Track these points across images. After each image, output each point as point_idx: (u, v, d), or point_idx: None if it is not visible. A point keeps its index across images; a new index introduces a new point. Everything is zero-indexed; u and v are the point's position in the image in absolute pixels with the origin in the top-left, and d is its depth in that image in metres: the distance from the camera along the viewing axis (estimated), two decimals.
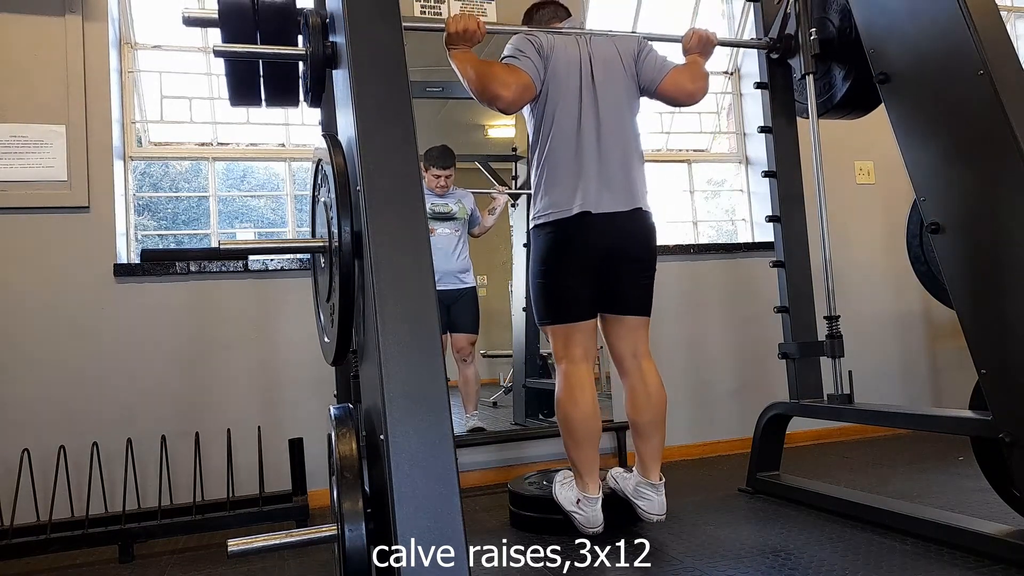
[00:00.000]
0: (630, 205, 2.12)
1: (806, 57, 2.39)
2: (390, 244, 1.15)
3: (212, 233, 3.16)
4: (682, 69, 2.24)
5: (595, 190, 2.08)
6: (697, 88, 2.24)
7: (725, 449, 3.32)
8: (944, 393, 3.69)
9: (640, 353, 2.17)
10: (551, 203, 2.11)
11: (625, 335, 2.17)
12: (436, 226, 3.17)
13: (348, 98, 1.29)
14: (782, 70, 2.61)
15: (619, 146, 2.14)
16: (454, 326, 3.19)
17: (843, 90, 2.38)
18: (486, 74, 2.04)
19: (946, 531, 1.85)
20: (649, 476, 2.09)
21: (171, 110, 3.10)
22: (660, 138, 3.80)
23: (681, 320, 3.37)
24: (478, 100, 2.07)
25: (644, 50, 2.23)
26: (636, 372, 2.16)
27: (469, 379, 3.21)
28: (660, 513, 2.07)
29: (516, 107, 2.11)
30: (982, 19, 1.76)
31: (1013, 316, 1.67)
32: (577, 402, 2.08)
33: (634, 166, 2.16)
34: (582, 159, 2.10)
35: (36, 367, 2.59)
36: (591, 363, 2.15)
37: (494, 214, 3.34)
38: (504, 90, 2.03)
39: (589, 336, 2.14)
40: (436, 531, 1.01)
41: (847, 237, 3.54)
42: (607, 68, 2.16)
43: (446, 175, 3.17)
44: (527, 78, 2.07)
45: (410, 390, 1.08)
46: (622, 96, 2.17)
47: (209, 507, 2.37)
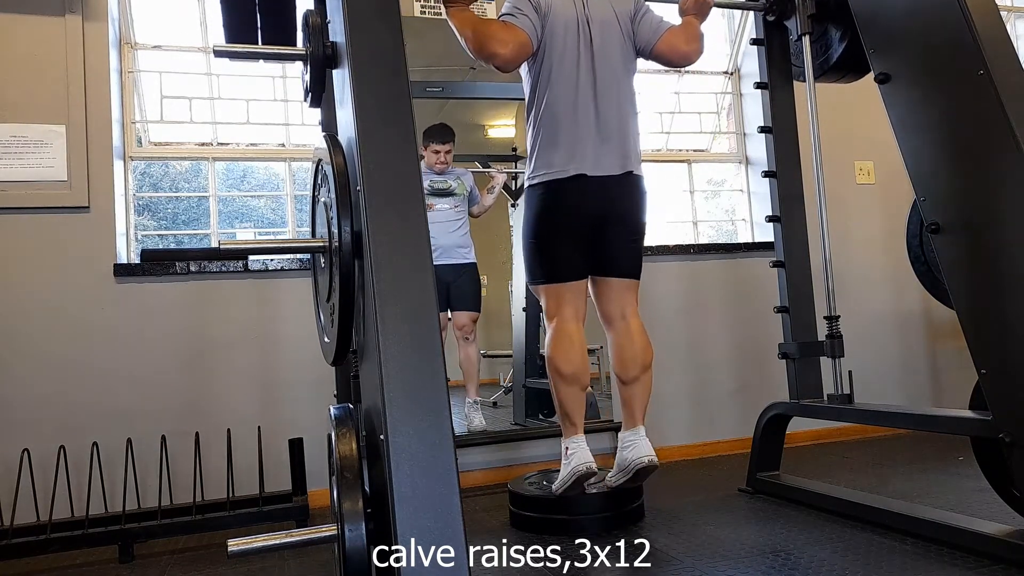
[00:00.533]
0: (623, 168, 2.15)
1: (802, 18, 2.40)
2: (390, 244, 1.15)
3: (212, 233, 3.17)
4: (677, 30, 2.26)
5: (592, 152, 2.11)
6: (692, 49, 2.26)
7: (725, 449, 3.32)
8: (944, 393, 3.69)
9: (628, 313, 2.21)
10: (546, 163, 2.13)
11: (614, 296, 2.21)
12: (435, 201, 3.16)
13: (348, 98, 1.29)
14: (779, 32, 2.61)
15: (615, 108, 2.16)
16: (455, 303, 3.18)
17: (839, 51, 2.38)
18: (483, 32, 2.06)
19: (946, 531, 1.85)
20: (633, 425, 2.13)
21: (171, 110, 3.10)
22: (660, 138, 3.80)
23: (681, 320, 3.36)
24: (475, 57, 2.09)
25: (641, 10, 2.25)
26: (623, 327, 2.20)
27: (471, 357, 3.20)
28: (648, 453, 2.09)
29: (513, 65, 2.12)
30: (982, 19, 1.76)
31: (1013, 316, 1.67)
32: (565, 349, 2.13)
33: (630, 129, 2.19)
34: (578, 120, 2.12)
35: (36, 367, 2.58)
36: (581, 322, 2.19)
37: (492, 193, 3.33)
38: (501, 47, 2.05)
39: (580, 296, 2.18)
40: (436, 531, 1.01)
41: (847, 237, 3.54)
42: (604, 29, 2.17)
43: (445, 150, 3.17)
44: (524, 36, 2.09)
45: (410, 390, 1.08)
46: (619, 57, 2.19)
47: (209, 507, 2.37)
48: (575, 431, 2.14)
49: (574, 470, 2.08)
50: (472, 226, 3.30)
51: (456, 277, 3.17)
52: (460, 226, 3.21)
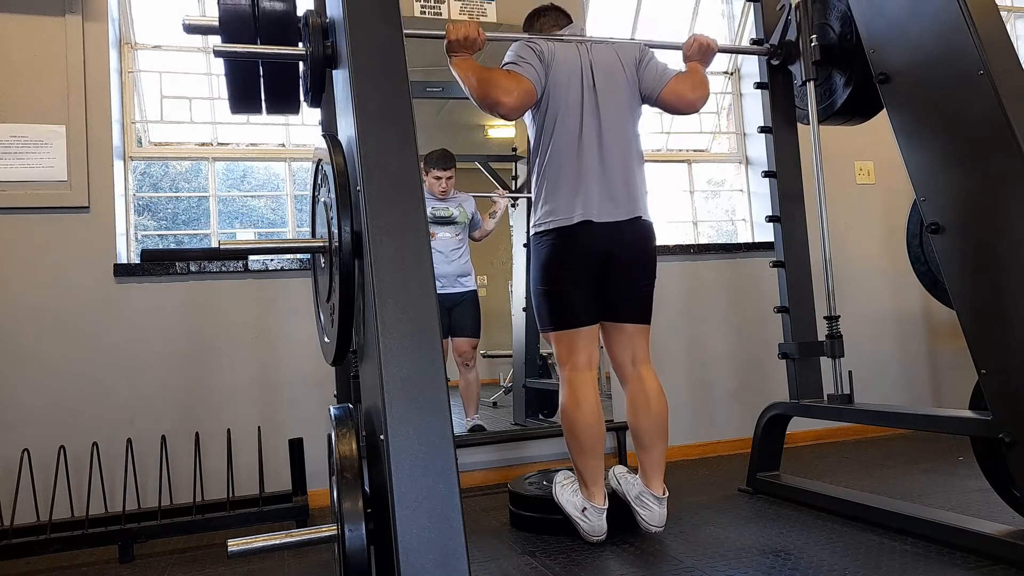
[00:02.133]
0: (631, 214, 2.13)
1: (807, 63, 2.38)
2: (390, 244, 1.15)
3: (212, 233, 3.17)
4: (683, 78, 2.24)
5: (597, 199, 2.09)
6: (697, 97, 2.24)
7: (725, 449, 3.32)
8: (944, 393, 3.69)
9: (639, 360, 2.18)
10: (552, 210, 2.11)
11: (624, 343, 2.18)
12: (437, 230, 3.17)
13: (348, 98, 1.29)
14: (783, 76, 2.61)
15: (621, 154, 2.14)
16: (455, 330, 3.19)
17: (844, 96, 2.38)
18: (488, 80, 2.04)
19: (946, 531, 1.85)
20: (652, 487, 2.09)
21: (171, 110, 3.10)
22: (660, 138, 3.80)
23: (681, 320, 3.36)
24: (479, 106, 2.07)
25: (645, 57, 2.23)
26: (636, 380, 2.17)
27: (471, 383, 3.21)
28: (659, 525, 2.07)
29: (518, 113, 2.11)
30: (982, 19, 1.76)
31: (1013, 316, 1.67)
32: (582, 409, 2.08)
33: (635, 174, 2.17)
34: (584, 167, 2.10)
35: (36, 367, 2.59)
36: (594, 369, 2.15)
37: (495, 218, 3.34)
38: (506, 96, 2.04)
39: (591, 342, 2.15)
40: (436, 531, 1.01)
41: (847, 237, 3.54)
42: (608, 75, 2.16)
43: (447, 176, 3.17)
44: (529, 84, 2.07)
45: (410, 390, 1.08)
46: (623, 103, 2.17)
47: (209, 507, 2.37)
48: (591, 497, 2.08)
49: (584, 533, 2.07)
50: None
51: (457, 304, 3.19)
52: (461, 254, 3.22)
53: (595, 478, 2.08)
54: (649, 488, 2.08)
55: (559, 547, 2.05)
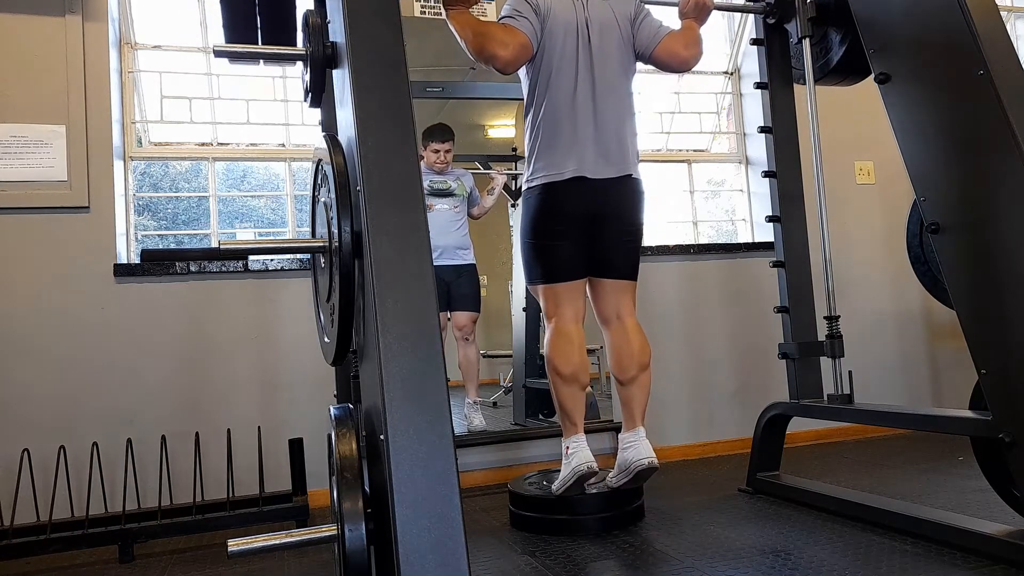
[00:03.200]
0: (621, 171, 2.16)
1: (802, 21, 2.39)
2: (390, 244, 1.15)
3: (212, 233, 3.17)
4: (676, 35, 2.26)
5: (591, 155, 2.12)
6: (691, 55, 2.26)
7: (725, 449, 3.32)
8: (944, 393, 3.69)
9: (624, 314, 2.22)
10: (545, 165, 2.14)
11: (610, 298, 2.22)
12: (434, 202, 3.16)
13: (348, 98, 1.29)
14: (779, 35, 2.61)
15: (614, 111, 2.16)
16: (454, 304, 3.18)
17: (839, 54, 2.38)
18: (483, 33, 2.07)
19: (946, 531, 1.85)
20: (633, 427, 2.14)
21: (171, 110, 3.10)
22: (660, 138, 3.80)
23: (681, 320, 3.36)
24: (475, 60, 2.09)
25: (640, 14, 2.25)
26: (619, 327, 2.21)
27: (471, 358, 3.20)
28: (648, 455, 2.09)
29: (514, 67, 2.13)
30: (982, 19, 1.76)
31: (1013, 316, 1.67)
32: (564, 350, 2.14)
33: (628, 132, 2.20)
34: (577, 123, 2.12)
35: (36, 367, 2.59)
36: (580, 322, 2.20)
37: (492, 194, 3.33)
38: (502, 49, 2.05)
39: (578, 296, 2.19)
40: (436, 531, 1.01)
41: (847, 237, 3.54)
42: (604, 32, 2.18)
43: (445, 149, 3.17)
44: (524, 37, 2.09)
45: (410, 390, 1.08)
46: (618, 60, 2.19)
47: (209, 507, 2.37)
48: (575, 431, 2.14)
49: (575, 470, 2.09)
50: (472, 226, 3.30)
51: (456, 277, 3.18)
52: (460, 227, 3.22)
53: (578, 409, 2.14)
54: (630, 429, 2.14)
55: (559, 547, 2.05)
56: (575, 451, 2.11)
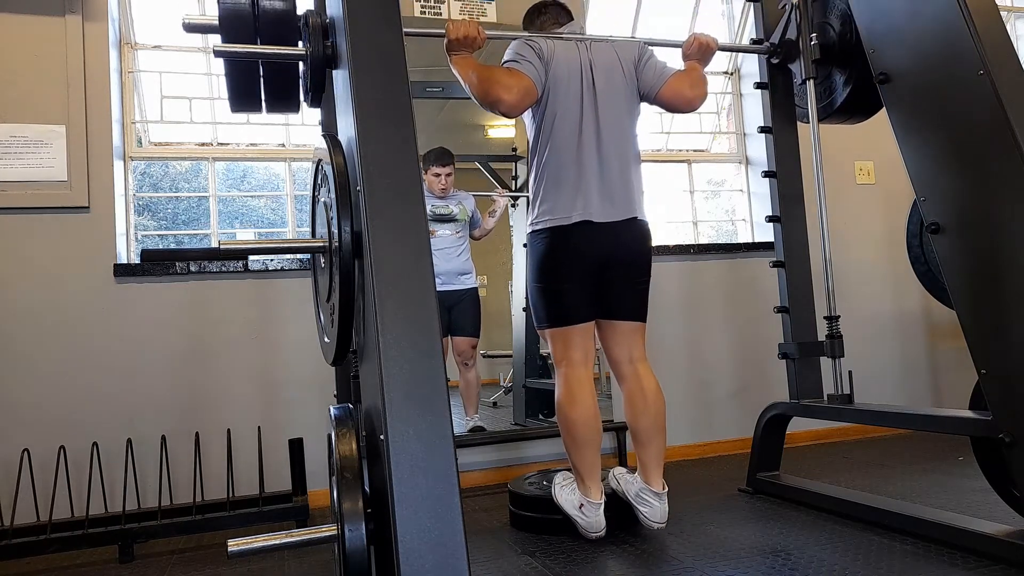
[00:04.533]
0: (628, 215, 2.13)
1: (807, 62, 2.38)
2: (390, 244, 1.15)
3: (212, 233, 3.17)
4: (681, 76, 2.25)
5: (596, 199, 2.09)
6: (695, 96, 2.25)
7: (725, 449, 3.32)
8: (944, 393, 3.69)
9: (636, 358, 2.18)
10: (550, 209, 2.12)
11: (621, 340, 2.18)
12: (437, 228, 3.17)
13: (348, 98, 1.29)
14: (783, 75, 2.61)
15: (619, 154, 2.14)
16: (455, 329, 3.18)
17: (844, 95, 2.38)
18: (488, 78, 2.05)
19: (946, 531, 1.85)
20: (651, 483, 2.08)
21: (171, 110, 3.10)
22: (660, 138, 3.80)
23: (681, 320, 3.37)
24: (480, 104, 2.07)
25: (644, 56, 2.23)
26: (633, 377, 2.17)
27: (470, 383, 3.20)
28: (661, 521, 2.06)
29: (518, 110, 2.11)
30: (982, 19, 1.76)
31: (1013, 316, 1.67)
32: (577, 404, 2.09)
33: (632, 174, 2.17)
34: (582, 166, 2.10)
35: (36, 367, 2.59)
36: (590, 366, 2.16)
37: (494, 216, 3.33)
38: (506, 93, 2.04)
39: (587, 339, 2.15)
40: (436, 531, 1.01)
41: (847, 237, 3.54)
42: (608, 74, 2.16)
43: (446, 173, 3.17)
44: (529, 81, 2.08)
45: (410, 390, 1.08)
46: (622, 103, 2.17)
47: (209, 507, 2.37)
48: (589, 493, 2.09)
49: (583, 530, 2.08)
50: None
51: (456, 303, 3.18)
52: (461, 252, 3.22)
53: (591, 473, 2.08)
54: (649, 485, 2.08)
55: (559, 547, 2.05)
56: (589, 517, 2.07)
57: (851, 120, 2.49)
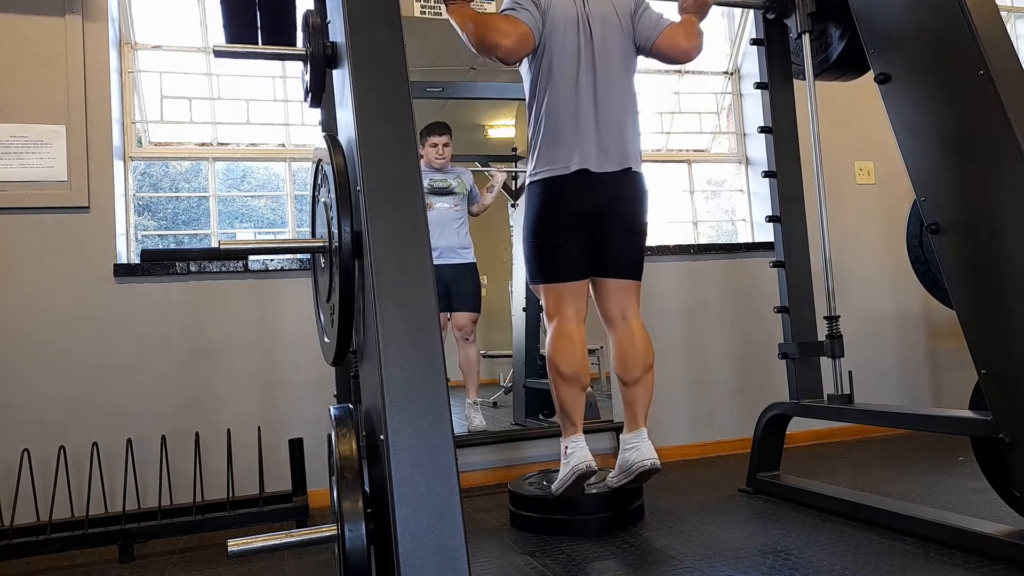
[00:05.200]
0: (622, 165, 2.15)
1: (802, 15, 2.40)
2: (390, 244, 1.15)
3: (212, 233, 3.17)
4: (677, 27, 2.26)
5: (593, 149, 2.11)
6: (691, 46, 2.26)
7: (725, 449, 3.32)
8: (944, 393, 3.69)
9: (629, 314, 2.21)
10: (549, 159, 2.14)
11: (615, 298, 2.20)
12: (434, 200, 3.16)
13: (348, 98, 1.29)
14: (779, 30, 2.61)
15: (616, 105, 2.16)
16: (454, 304, 3.17)
17: (839, 49, 2.38)
18: (484, 24, 2.07)
19: (946, 531, 1.85)
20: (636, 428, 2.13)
21: (171, 110, 3.10)
22: (660, 138, 3.80)
23: (681, 320, 3.37)
24: (476, 51, 2.09)
25: (640, 7, 2.25)
26: (624, 327, 2.20)
27: (471, 358, 3.19)
28: (650, 456, 2.08)
29: (515, 56, 2.12)
30: (982, 19, 1.76)
31: (1013, 316, 1.67)
32: (567, 351, 2.13)
33: (629, 126, 2.19)
34: (579, 117, 2.12)
35: (36, 367, 2.58)
36: (582, 322, 2.19)
37: (492, 192, 3.32)
38: (503, 39, 2.05)
39: (580, 296, 2.18)
40: (436, 531, 1.01)
41: (847, 237, 3.54)
42: (604, 26, 2.18)
43: (443, 142, 3.16)
44: (526, 28, 2.09)
45: (410, 390, 1.08)
46: (619, 54, 2.19)
47: (209, 507, 2.37)
48: (574, 431, 2.14)
49: (574, 469, 2.08)
50: (472, 225, 3.30)
51: (456, 277, 3.17)
52: (460, 226, 3.21)
53: (577, 409, 2.13)
54: (632, 430, 2.13)
55: (559, 547, 2.05)
56: (574, 451, 2.11)
57: (846, 76, 2.48)
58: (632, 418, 2.17)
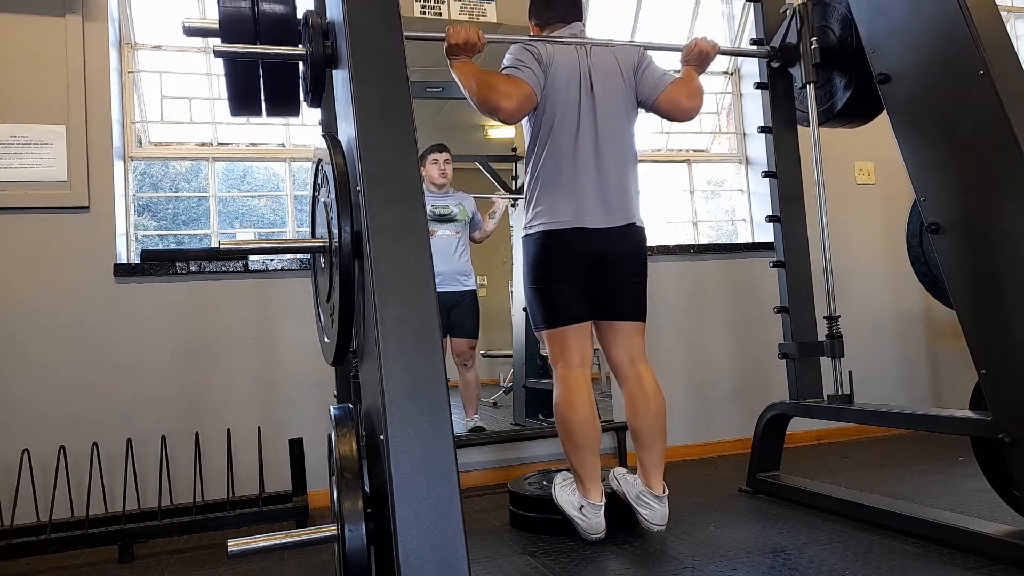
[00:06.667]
0: (624, 220, 2.13)
1: (807, 66, 2.38)
2: (390, 244, 1.15)
3: (212, 233, 3.17)
4: (679, 85, 2.23)
5: (591, 203, 2.09)
6: (692, 106, 2.24)
7: (725, 449, 3.32)
8: (944, 393, 3.69)
9: (636, 359, 2.17)
10: (544, 212, 2.12)
11: (620, 341, 2.17)
12: (436, 228, 3.16)
13: (348, 98, 1.29)
14: (783, 78, 2.61)
15: (616, 160, 2.14)
16: (454, 330, 3.18)
17: (844, 99, 2.38)
18: (487, 85, 2.05)
19: (946, 531, 1.85)
20: (652, 486, 2.08)
21: (171, 110, 3.10)
22: (660, 138, 3.80)
23: (681, 320, 3.36)
24: (479, 110, 2.08)
25: (643, 62, 2.23)
26: (635, 379, 2.16)
27: (470, 383, 3.20)
28: (661, 524, 2.06)
29: (517, 118, 2.11)
30: (982, 19, 1.76)
31: (1013, 316, 1.67)
32: (575, 407, 2.08)
33: (630, 181, 2.17)
34: (578, 171, 2.10)
35: (36, 367, 2.59)
36: (588, 367, 2.15)
37: (494, 219, 3.33)
38: (506, 101, 2.04)
39: (584, 339, 2.14)
40: (436, 531, 1.01)
41: (847, 237, 3.54)
42: (606, 80, 2.15)
43: (444, 159, 3.17)
44: (528, 88, 2.08)
45: (410, 390, 1.08)
46: (620, 109, 2.17)
47: (209, 507, 2.37)
48: (589, 495, 2.08)
49: (583, 531, 2.07)
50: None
51: (456, 304, 3.18)
52: (461, 253, 3.21)
53: (591, 475, 2.08)
54: (649, 487, 2.08)
55: (559, 547, 2.05)
56: (589, 520, 2.06)
57: (851, 124, 2.48)
58: (648, 476, 2.10)
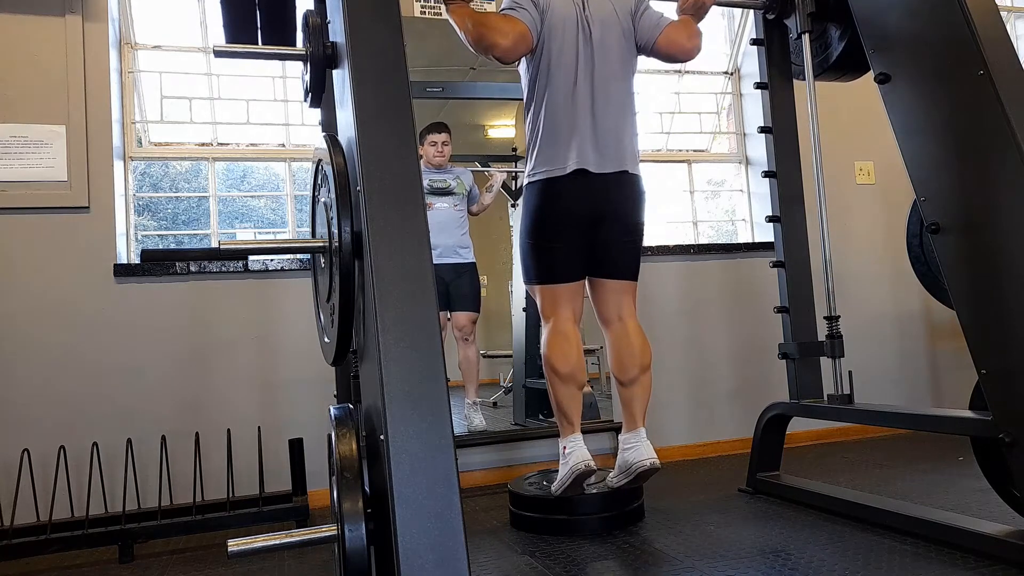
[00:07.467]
0: (618, 167, 2.15)
1: (801, 16, 2.41)
2: (390, 244, 1.15)
3: (212, 233, 3.17)
4: (678, 26, 2.26)
5: (590, 150, 2.12)
6: (693, 45, 2.26)
7: (725, 449, 3.32)
8: (944, 393, 3.69)
9: (625, 315, 2.21)
10: (546, 159, 2.14)
11: (611, 299, 2.21)
12: (434, 201, 3.16)
13: (348, 98, 1.29)
14: (778, 31, 2.62)
15: (613, 107, 2.16)
16: (454, 304, 3.16)
17: (839, 50, 2.38)
18: (483, 23, 2.08)
19: (946, 531, 1.85)
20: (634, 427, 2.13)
21: (171, 110, 3.10)
22: (660, 138, 3.80)
23: (681, 320, 3.37)
24: (474, 50, 2.10)
25: (641, 7, 2.25)
26: (620, 328, 2.20)
27: (470, 359, 3.19)
28: (649, 456, 2.08)
29: (512, 55, 2.13)
30: (982, 19, 1.76)
31: (1013, 316, 1.67)
32: (563, 350, 2.13)
33: (626, 128, 2.19)
34: (576, 118, 2.13)
35: (36, 367, 2.59)
36: (577, 322, 2.19)
37: (492, 191, 3.33)
38: (502, 38, 2.06)
39: (576, 297, 2.19)
40: (436, 531, 1.01)
41: (847, 237, 3.54)
42: (604, 27, 2.18)
43: (442, 140, 3.17)
44: (524, 27, 2.10)
45: (410, 390, 1.08)
46: (618, 56, 2.19)
47: (209, 507, 2.37)
48: (572, 430, 2.14)
49: (572, 469, 2.08)
50: (472, 225, 3.30)
51: (455, 277, 3.17)
52: (459, 226, 3.21)
53: (574, 408, 2.13)
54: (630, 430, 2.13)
55: (559, 547, 2.05)
56: (572, 450, 2.11)
57: (846, 76, 2.48)
58: (630, 418, 2.17)
